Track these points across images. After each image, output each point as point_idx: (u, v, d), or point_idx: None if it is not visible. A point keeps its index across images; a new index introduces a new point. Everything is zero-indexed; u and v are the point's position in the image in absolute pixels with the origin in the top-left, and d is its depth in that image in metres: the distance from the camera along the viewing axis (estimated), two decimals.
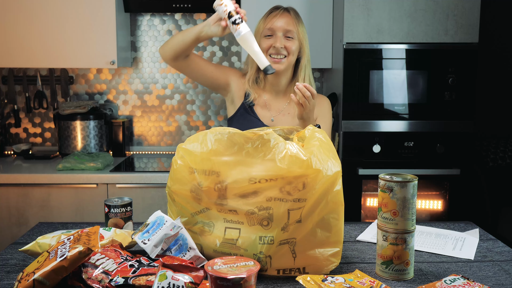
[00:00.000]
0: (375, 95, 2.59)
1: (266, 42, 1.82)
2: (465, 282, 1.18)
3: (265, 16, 1.88)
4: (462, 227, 1.71)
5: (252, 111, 1.90)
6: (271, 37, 1.82)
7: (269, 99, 1.92)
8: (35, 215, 2.62)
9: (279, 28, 1.81)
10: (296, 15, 1.87)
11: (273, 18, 1.83)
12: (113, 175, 2.63)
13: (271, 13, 1.86)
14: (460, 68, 2.58)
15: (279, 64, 1.81)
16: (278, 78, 1.88)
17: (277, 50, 1.79)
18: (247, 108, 1.91)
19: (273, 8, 1.89)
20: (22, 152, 3.09)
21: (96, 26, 2.81)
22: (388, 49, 2.56)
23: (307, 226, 1.23)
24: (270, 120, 1.90)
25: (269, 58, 1.81)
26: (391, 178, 1.26)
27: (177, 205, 1.35)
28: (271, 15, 1.85)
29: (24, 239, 1.55)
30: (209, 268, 1.02)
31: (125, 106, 3.24)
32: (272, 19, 1.83)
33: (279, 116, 1.90)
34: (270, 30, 1.82)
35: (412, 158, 2.61)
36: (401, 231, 1.25)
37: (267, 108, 1.92)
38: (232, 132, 1.27)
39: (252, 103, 1.91)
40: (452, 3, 2.54)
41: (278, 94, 1.92)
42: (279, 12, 1.85)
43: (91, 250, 1.14)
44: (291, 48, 1.81)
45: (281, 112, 1.91)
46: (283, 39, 1.81)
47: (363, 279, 1.20)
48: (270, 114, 1.90)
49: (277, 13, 1.84)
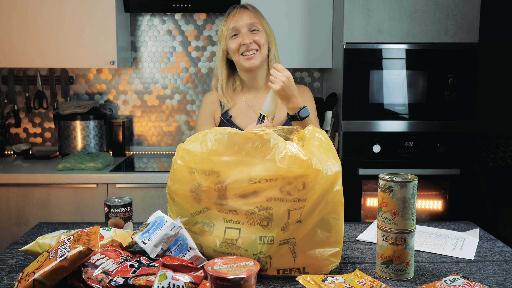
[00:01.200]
0: (375, 95, 2.59)
1: (234, 42, 1.79)
2: (465, 282, 1.18)
3: (225, 18, 1.85)
4: (462, 227, 1.71)
5: (231, 123, 1.86)
6: (237, 36, 1.80)
7: (250, 100, 1.88)
8: (35, 215, 2.62)
9: (242, 25, 1.79)
10: (255, 9, 1.86)
11: (233, 17, 1.81)
12: (113, 175, 2.63)
13: (230, 13, 1.84)
14: (460, 68, 2.58)
15: (253, 59, 1.78)
16: (254, 74, 1.85)
17: (247, 46, 1.77)
18: (226, 122, 1.86)
19: (230, 9, 1.87)
20: (22, 152, 3.09)
21: (96, 26, 2.81)
22: (388, 49, 2.56)
23: (307, 226, 1.23)
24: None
25: (241, 57, 1.79)
26: (391, 178, 1.26)
27: (177, 205, 1.35)
28: (231, 15, 1.83)
29: (24, 239, 1.55)
30: (209, 268, 1.02)
31: (125, 106, 3.24)
32: (233, 18, 1.81)
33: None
34: (234, 29, 1.80)
35: (412, 158, 2.61)
36: (401, 231, 1.25)
37: (251, 109, 1.88)
38: (232, 132, 1.27)
39: (229, 115, 1.87)
40: (452, 3, 2.54)
41: (259, 92, 1.87)
42: (237, 10, 1.83)
43: (91, 250, 1.14)
44: (260, 41, 1.79)
45: None
46: (249, 34, 1.79)
47: (363, 279, 1.20)
48: (256, 113, 1.87)
49: (235, 11, 1.83)
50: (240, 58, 1.79)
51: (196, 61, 3.22)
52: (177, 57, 3.21)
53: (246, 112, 1.88)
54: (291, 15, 2.81)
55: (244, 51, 1.78)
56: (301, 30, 2.83)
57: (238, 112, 1.88)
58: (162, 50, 3.20)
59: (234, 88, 1.89)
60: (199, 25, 3.19)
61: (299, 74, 3.24)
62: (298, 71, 3.22)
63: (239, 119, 1.87)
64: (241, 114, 1.88)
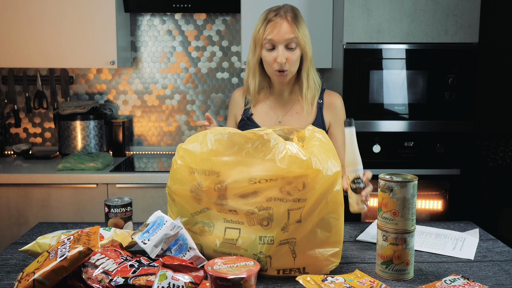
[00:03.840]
0: (375, 95, 2.59)
1: (269, 56, 1.77)
2: (465, 282, 1.18)
3: (264, 23, 1.79)
4: (462, 227, 1.71)
5: (251, 121, 1.89)
6: (272, 50, 1.76)
7: (273, 102, 1.91)
8: (35, 215, 2.62)
9: (280, 41, 1.75)
10: (295, 19, 1.79)
11: (273, 28, 1.76)
12: (113, 175, 2.63)
13: (270, 21, 1.77)
14: (460, 68, 2.58)
15: (284, 77, 1.79)
16: (283, 86, 1.88)
17: (281, 66, 1.76)
18: (246, 120, 1.90)
19: (270, 13, 1.80)
20: (22, 152, 3.09)
21: (96, 26, 2.81)
22: (388, 49, 2.56)
23: (307, 226, 1.23)
24: (278, 122, 1.90)
25: (274, 72, 1.78)
26: (391, 178, 1.26)
27: (177, 205, 1.35)
28: (270, 25, 1.76)
29: (24, 239, 1.55)
30: (209, 268, 1.02)
31: (125, 106, 3.24)
32: (273, 30, 1.75)
33: (286, 117, 1.89)
34: (271, 43, 1.76)
35: (412, 158, 2.61)
36: (401, 231, 1.25)
37: (273, 111, 1.91)
38: (232, 132, 1.27)
39: (250, 113, 1.90)
40: (452, 3, 2.54)
41: (282, 96, 1.91)
42: (278, 20, 1.76)
43: (91, 250, 1.14)
44: (292, 60, 1.77)
45: (288, 113, 1.89)
46: (285, 51, 1.76)
47: (363, 279, 1.20)
48: (277, 116, 1.89)
49: (275, 22, 1.76)
50: (273, 72, 1.79)
51: (196, 61, 3.22)
52: (177, 57, 3.21)
53: (267, 113, 1.91)
54: None
55: (278, 68, 1.77)
56: None
57: (260, 112, 1.91)
58: (162, 50, 3.20)
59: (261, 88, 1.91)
60: (199, 25, 3.19)
61: None
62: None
63: (259, 118, 1.91)
64: (262, 113, 1.91)
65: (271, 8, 1.82)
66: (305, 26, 1.82)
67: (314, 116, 1.87)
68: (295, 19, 1.79)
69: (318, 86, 1.88)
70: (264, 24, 1.78)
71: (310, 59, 1.83)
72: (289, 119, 1.89)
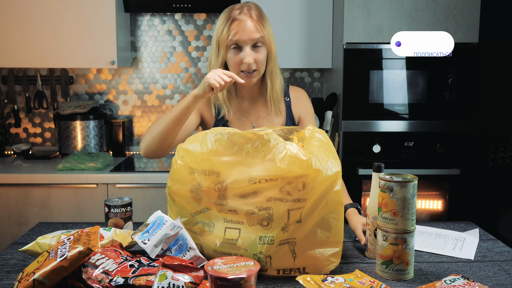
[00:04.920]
0: (375, 95, 2.59)
1: (235, 57, 1.68)
2: (465, 282, 1.18)
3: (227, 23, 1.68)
4: (462, 227, 1.71)
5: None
6: (238, 50, 1.68)
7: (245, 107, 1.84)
8: (35, 215, 2.62)
9: (245, 41, 1.66)
10: (260, 17, 1.70)
11: (237, 28, 1.66)
12: (113, 175, 2.63)
13: (234, 21, 1.67)
14: (460, 68, 2.58)
15: (251, 78, 1.71)
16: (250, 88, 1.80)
17: (249, 66, 1.67)
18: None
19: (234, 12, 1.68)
20: (22, 152, 3.09)
21: (96, 26, 2.81)
22: (388, 49, 2.56)
23: (307, 226, 1.23)
24: (252, 127, 1.83)
25: (241, 73, 1.70)
26: (391, 178, 1.26)
27: (177, 205, 1.35)
28: (235, 24, 1.67)
29: (24, 239, 1.55)
30: (209, 268, 1.02)
31: (125, 106, 3.24)
32: (237, 30, 1.66)
33: (259, 120, 1.82)
34: (236, 43, 1.67)
35: (412, 158, 2.61)
36: (401, 231, 1.25)
37: (245, 116, 1.83)
38: (232, 132, 1.27)
39: (226, 120, 1.81)
40: (452, 3, 2.54)
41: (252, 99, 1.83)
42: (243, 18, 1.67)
43: (91, 250, 1.14)
44: (260, 60, 1.69)
45: (260, 116, 1.84)
46: (251, 52, 1.67)
47: (363, 279, 1.20)
48: (250, 121, 1.83)
49: (240, 21, 1.66)
50: (239, 74, 1.71)
51: (196, 61, 3.22)
52: (177, 57, 3.21)
53: (240, 118, 1.84)
54: (291, 15, 2.81)
55: (245, 69, 1.69)
56: (301, 30, 2.83)
57: (234, 118, 1.84)
58: (162, 50, 3.20)
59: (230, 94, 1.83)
60: (199, 25, 3.19)
61: (299, 74, 3.24)
62: (298, 71, 3.22)
63: (235, 125, 1.83)
64: (236, 120, 1.84)
65: (233, 6, 1.71)
66: (269, 24, 1.74)
67: (284, 115, 1.82)
68: (260, 17, 1.70)
69: (282, 85, 1.81)
70: (228, 24, 1.68)
71: (275, 58, 1.76)
72: (262, 122, 1.81)
